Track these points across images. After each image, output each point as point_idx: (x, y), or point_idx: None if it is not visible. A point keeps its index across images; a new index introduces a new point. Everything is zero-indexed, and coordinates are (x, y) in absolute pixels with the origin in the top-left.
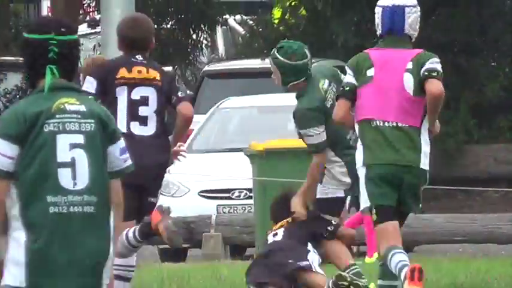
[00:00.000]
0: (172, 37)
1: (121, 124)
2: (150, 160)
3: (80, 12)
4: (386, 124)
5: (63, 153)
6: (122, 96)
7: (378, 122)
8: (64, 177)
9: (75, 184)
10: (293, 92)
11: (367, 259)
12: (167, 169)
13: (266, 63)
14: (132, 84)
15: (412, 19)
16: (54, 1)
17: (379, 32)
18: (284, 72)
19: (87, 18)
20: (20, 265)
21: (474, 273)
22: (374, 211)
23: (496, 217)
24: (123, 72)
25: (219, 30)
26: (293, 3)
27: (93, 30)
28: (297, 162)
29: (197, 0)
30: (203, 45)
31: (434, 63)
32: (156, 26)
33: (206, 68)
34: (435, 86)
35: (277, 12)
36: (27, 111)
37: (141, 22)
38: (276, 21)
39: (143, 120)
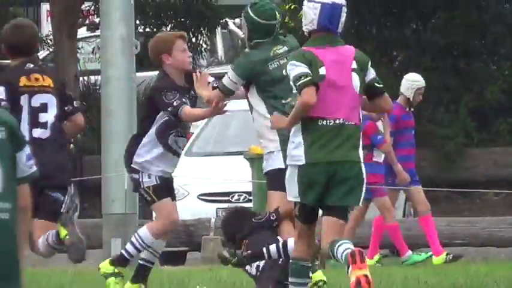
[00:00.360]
0: None
1: (24, 131)
2: (47, 160)
3: (80, 15)
4: (336, 122)
5: None
6: (25, 105)
7: (327, 121)
8: None
9: None
10: None
11: (369, 261)
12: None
13: None
14: (31, 92)
15: (344, 18)
16: (53, 5)
17: (311, 27)
18: (252, 29)
19: (87, 21)
20: None
21: (474, 276)
22: (297, 208)
23: (496, 220)
24: (23, 81)
25: (219, 34)
26: (292, 7)
27: (92, 34)
28: None
29: (196, 3)
30: (203, 48)
31: (373, 70)
32: (155, 30)
33: (206, 71)
34: (389, 104)
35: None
36: None
37: (23, 28)
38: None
39: (43, 126)
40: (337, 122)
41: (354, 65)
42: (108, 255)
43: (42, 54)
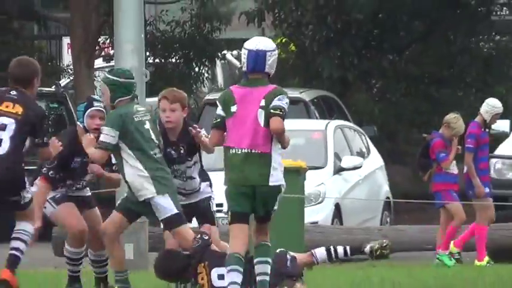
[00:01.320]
0: (177, 70)
1: None
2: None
3: (96, 48)
4: (241, 151)
5: None
6: None
7: (235, 150)
8: None
9: None
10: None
11: (477, 262)
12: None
13: None
14: None
15: (272, 61)
16: (73, 38)
17: (244, 69)
18: (113, 90)
19: (103, 53)
20: None
21: (442, 277)
22: (230, 215)
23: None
24: None
25: (218, 64)
26: (283, 40)
27: (107, 64)
28: (287, 179)
29: (199, 38)
30: (204, 77)
31: (281, 99)
32: (163, 60)
33: (207, 97)
34: (275, 123)
35: None
36: None
37: (25, 63)
38: None
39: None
40: (242, 151)
41: (262, 103)
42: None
43: (63, 82)
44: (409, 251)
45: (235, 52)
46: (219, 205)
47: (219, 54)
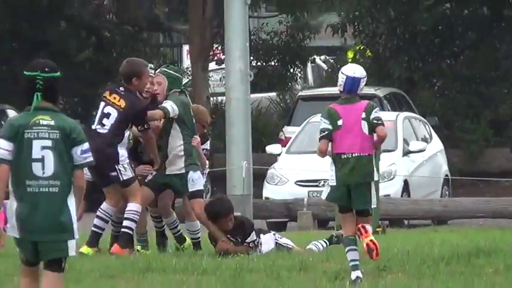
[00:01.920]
0: (276, 71)
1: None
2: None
3: (210, 53)
4: (352, 155)
5: (36, 152)
6: (99, 109)
7: (347, 155)
8: (36, 168)
9: (43, 173)
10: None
11: None
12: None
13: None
14: (106, 103)
15: (362, 86)
16: (191, 46)
17: (340, 89)
18: (171, 82)
19: (215, 58)
20: (13, 224)
21: (491, 240)
22: (339, 207)
23: (507, 200)
24: (107, 94)
25: (309, 67)
26: (361, 48)
27: (219, 67)
28: None
29: (293, 45)
30: (297, 77)
31: (377, 111)
32: (264, 63)
33: (300, 93)
34: (383, 131)
35: (350, 54)
36: (16, 122)
37: (128, 64)
38: (350, 60)
39: (102, 125)
40: (353, 155)
41: (363, 115)
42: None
43: (183, 81)
44: (465, 218)
45: (322, 57)
46: (314, 181)
47: (310, 59)
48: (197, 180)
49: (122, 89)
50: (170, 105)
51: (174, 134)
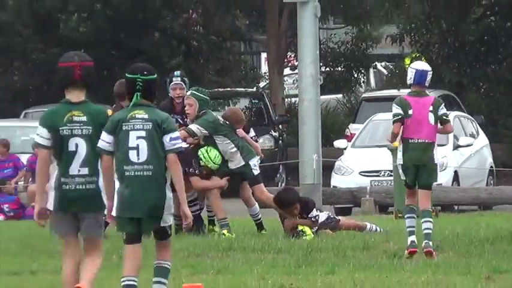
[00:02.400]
0: (342, 76)
1: None
2: None
3: (285, 60)
4: (418, 140)
5: (132, 142)
6: None
7: (415, 140)
8: (132, 155)
9: (138, 159)
10: (193, 117)
11: None
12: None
13: (402, 92)
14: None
15: (429, 78)
16: (268, 54)
17: (410, 82)
18: (201, 104)
19: (289, 64)
20: (116, 203)
21: None
22: (404, 184)
23: None
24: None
25: (371, 72)
26: (417, 55)
27: (293, 72)
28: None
29: (357, 53)
30: (361, 81)
31: (443, 108)
32: (332, 69)
33: (363, 95)
34: (451, 127)
35: (407, 61)
36: (116, 118)
37: (122, 84)
38: (407, 66)
39: None
40: (420, 140)
41: (431, 108)
42: None
43: (262, 84)
44: (507, 204)
45: (383, 63)
46: (376, 171)
47: (372, 65)
48: (256, 166)
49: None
50: (196, 128)
51: (220, 141)
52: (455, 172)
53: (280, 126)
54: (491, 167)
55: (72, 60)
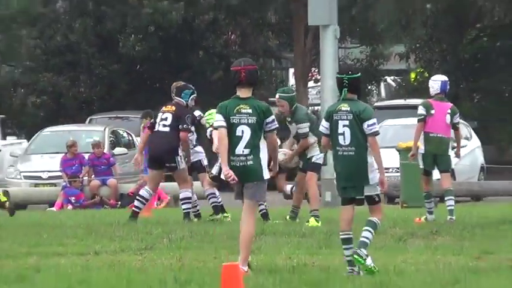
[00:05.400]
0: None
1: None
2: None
3: (309, 75)
4: (437, 135)
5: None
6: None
7: (435, 134)
8: (340, 139)
9: (344, 142)
10: (289, 113)
11: None
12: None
13: (408, 102)
14: (162, 112)
15: (449, 87)
16: (295, 69)
17: (435, 92)
18: (291, 102)
19: (313, 77)
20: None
21: None
22: (423, 171)
23: None
24: (163, 108)
25: (382, 85)
26: (421, 70)
27: (316, 84)
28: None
29: (370, 68)
30: (373, 92)
31: (458, 116)
32: None
33: (375, 104)
34: (460, 133)
35: (412, 75)
36: (330, 109)
37: (177, 86)
38: (412, 79)
39: (165, 126)
40: (438, 135)
41: (448, 111)
42: (323, 203)
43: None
44: (495, 196)
45: (392, 77)
46: (385, 168)
47: (382, 78)
48: (317, 157)
49: (177, 98)
50: (307, 125)
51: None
52: (452, 169)
53: None
54: (482, 164)
55: (238, 65)
